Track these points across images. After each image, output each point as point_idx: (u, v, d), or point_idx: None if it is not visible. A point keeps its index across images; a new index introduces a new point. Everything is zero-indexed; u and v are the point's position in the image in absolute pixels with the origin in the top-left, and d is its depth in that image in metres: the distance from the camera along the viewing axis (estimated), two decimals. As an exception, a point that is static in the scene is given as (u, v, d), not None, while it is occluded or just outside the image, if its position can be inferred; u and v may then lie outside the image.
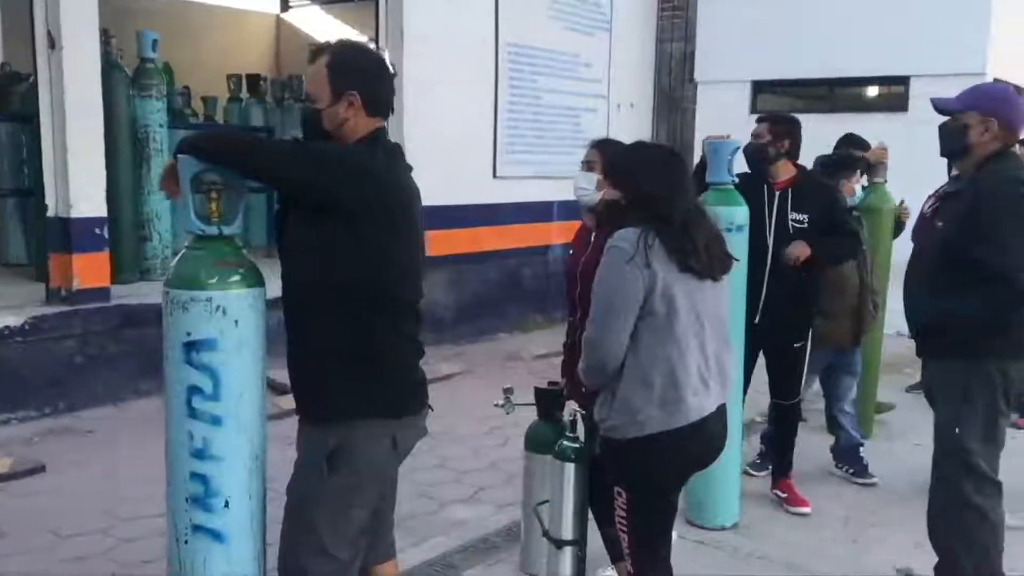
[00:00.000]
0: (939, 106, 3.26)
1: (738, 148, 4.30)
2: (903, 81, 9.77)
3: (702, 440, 2.77)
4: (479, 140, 8.82)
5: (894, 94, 10.17)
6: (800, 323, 4.52)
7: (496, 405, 3.77)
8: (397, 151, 2.57)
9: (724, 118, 9.93)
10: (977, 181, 3.14)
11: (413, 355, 2.58)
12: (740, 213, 4.26)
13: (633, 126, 10.49)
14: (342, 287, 2.39)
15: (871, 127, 9.97)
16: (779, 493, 4.69)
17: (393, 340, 2.49)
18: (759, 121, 4.60)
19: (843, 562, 4.09)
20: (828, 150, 5.65)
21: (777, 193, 4.46)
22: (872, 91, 10.92)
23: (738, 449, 4.39)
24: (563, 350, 3.67)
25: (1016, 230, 3.04)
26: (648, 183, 2.80)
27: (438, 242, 8.49)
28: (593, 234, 3.63)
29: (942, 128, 3.27)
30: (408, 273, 2.53)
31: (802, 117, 10.03)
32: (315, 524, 2.44)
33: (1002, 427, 3.28)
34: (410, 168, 2.59)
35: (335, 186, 2.36)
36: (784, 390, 4.59)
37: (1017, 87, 11.61)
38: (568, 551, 3.39)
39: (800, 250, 4.32)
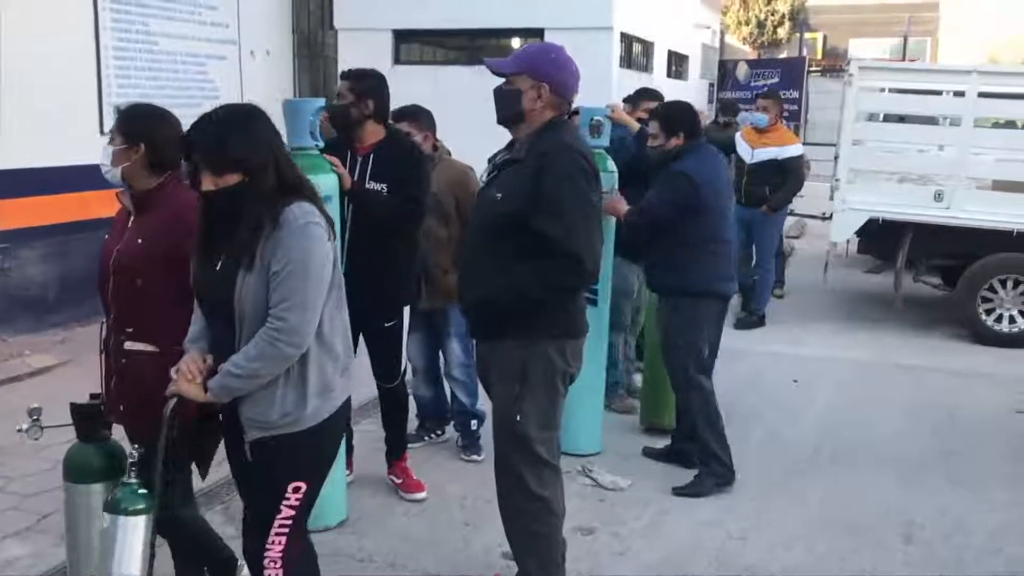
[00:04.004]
0: (492, 68, 2.99)
1: (322, 107, 3.86)
2: (538, 33, 9.90)
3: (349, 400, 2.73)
4: (79, 93, 7.69)
5: (532, 46, 10.31)
6: (387, 301, 4.16)
7: (19, 431, 3.06)
8: None
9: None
10: (537, 150, 2.91)
11: None
12: (328, 181, 3.83)
13: (270, 75, 9.78)
14: None
15: (513, 79, 10.11)
16: (394, 479, 4.40)
17: None
18: (342, 78, 4.17)
19: (452, 550, 3.88)
20: (472, 101, 5.33)
21: (360, 159, 4.06)
22: (514, 43, 11.00)
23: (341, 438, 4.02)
24: (100, 360, 3.08)
25: (578, 205, 2.87)
26: (256, 151, 2.47)
27: (35, 210, 7.38)
28: (132, 218, 3.06)
29: (496, 92, 3.01)
30: None
31: (444, 68, 9.81)
32: None
33: (560, 409, 3.15)
34: None
35: None
36: (384, 372, 4.26)
37: (641, 40, 12.27)
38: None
39: None
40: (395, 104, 4.53)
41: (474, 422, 4.80)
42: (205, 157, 2.48)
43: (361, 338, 4.27)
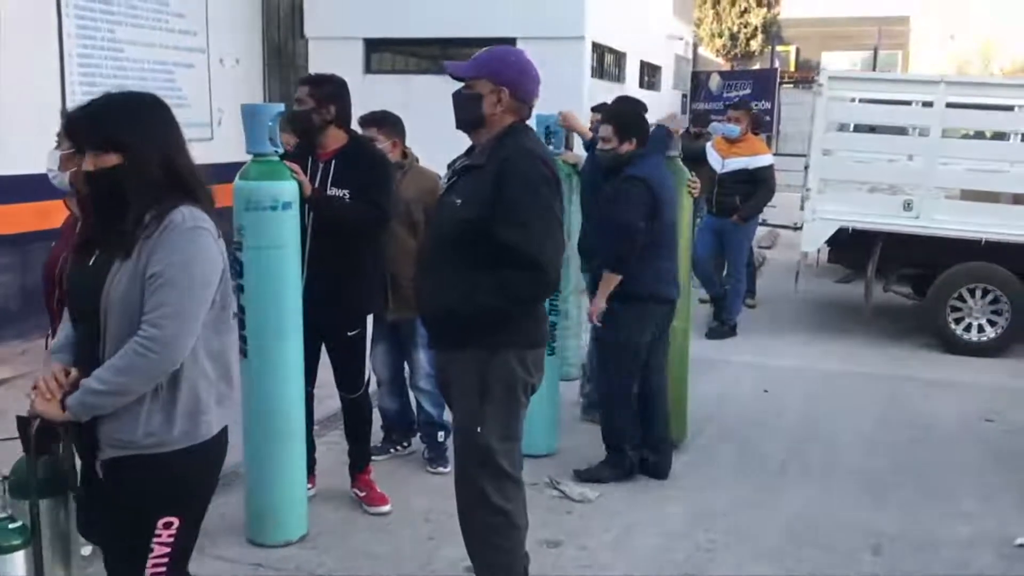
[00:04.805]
0: (451, 72, 2.93)
1: (281, 112, 3.79)
2: (510, 43, 9.82)
3: (226, 433, 2.49)
4: (43, 100, 7.54)
5: (504, 56, 10.25)
6: (350, 309, 4.08)
7: (-38, 446, 2.97)
8: None
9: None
10: (498, 156, 2.85)
11: None
12: (287, 188, 3.75)
13: (239, 83, 9.68)
14: None
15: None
16: (358, 492, 4.30)
17: None
18: (301, 84, 4.10)
19: (416, 566, 3.78)
20: (444, 110, 5.25)
21: (321, 165, 3.99)
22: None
23: (300, 450, 3.94)
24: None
25: (540, 213, 2.81)
26: (149, 141, 2.27)
27: (-4, 219, 7.25)
28: (79, 224, 2.97)
29: (456, 96, 2.96)
30: None
31: (416, 77, 9.71)
32: None
33: (522, 420, 3.08)
34: None
35: None
36: (347, 382, 4.17)
37: (613, 50, 12.26)
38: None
39: None
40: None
41: (441, 433, 4.70)
42: (83, 132, 2.33)
43: (324, 348, 4.21)
